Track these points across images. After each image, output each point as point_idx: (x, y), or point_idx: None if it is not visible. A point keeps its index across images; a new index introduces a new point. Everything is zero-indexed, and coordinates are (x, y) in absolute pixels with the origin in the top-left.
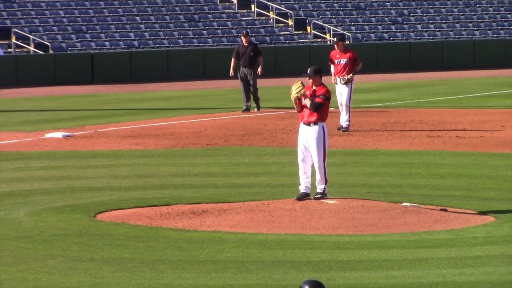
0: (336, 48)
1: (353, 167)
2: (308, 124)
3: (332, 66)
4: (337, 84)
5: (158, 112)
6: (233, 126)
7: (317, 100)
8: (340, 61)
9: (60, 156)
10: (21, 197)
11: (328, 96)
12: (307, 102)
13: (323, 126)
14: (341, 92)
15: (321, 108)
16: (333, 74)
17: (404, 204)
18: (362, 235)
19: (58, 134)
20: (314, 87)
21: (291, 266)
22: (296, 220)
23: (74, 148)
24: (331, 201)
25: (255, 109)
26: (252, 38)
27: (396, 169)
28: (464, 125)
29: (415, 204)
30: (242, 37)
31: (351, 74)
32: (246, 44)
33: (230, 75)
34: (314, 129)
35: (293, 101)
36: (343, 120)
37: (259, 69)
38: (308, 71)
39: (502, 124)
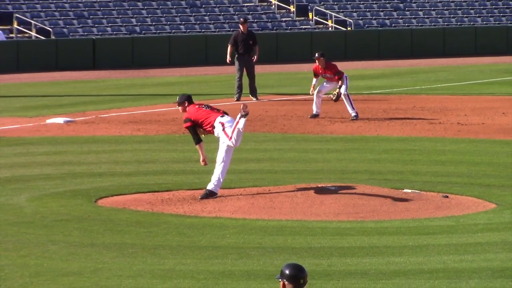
0: (317, 63)
1: (355, 154)
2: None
3: (314, 79)
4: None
5: (160, 98)
6: (235, 112)
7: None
8: (325, 75)
9: (61, 141)
10: (22, 183)
11: (187, 118)
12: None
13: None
14: (328, 87)
15: (193, 135)
16: (312, 86)
17: (405, 190)
18: (363, 222)
19: (60, 120)
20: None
21: (292, 252)
22: (297, 206)
23: (75, 133)
24: (332, 187)
25: (253, 99)
26: (254, 24)
27: (398, 156)
28: (465, 112)
29: (416, 191)
30: (241, 25)
31: (338, 90)
32: (245, 32)
33: (228, 61)
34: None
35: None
36: (351, 111)
37: (255, 57)
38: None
39: (504, 111)
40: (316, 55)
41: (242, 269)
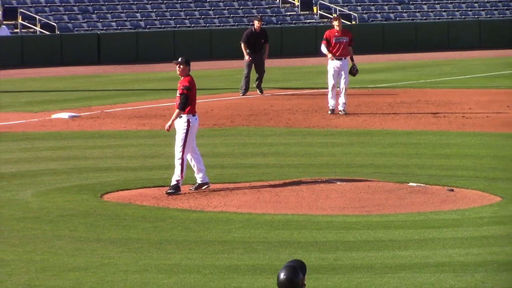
0: (335, 26)
1: (360, 147)
2: (181, 116)
3: (323, 46)
4: (333, 63)
5: (165, 92)
6: (240, 106)
7: (180, 92)
8: (340, 39)
9: (67, 136)
10: (28, 178)
11: (189, 86)
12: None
13: (188, 119)
14: (339, 73)
15: (185, 101)
16: (328, 52)
17: (410, 184)
18: (368, 215)
19: (65, 115)
20: (181, 77)
21: (297, 246)
22: (303, 200)
23: (80, 128)
24: (337, 181)
25: (259, 92)
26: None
27: (403, 149)
28: (470, 105)
29: (422, 184)
30: (256, 22)
31: (352, 63)
32: (259, 30)
33: (248, 60)
34: (181, 121)
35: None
36: (342, 102)
37: (265, 56)
38: (180, 59)
39: (508, 104)
40: (335, 15)
41: (248, 263)
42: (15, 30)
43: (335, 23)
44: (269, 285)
